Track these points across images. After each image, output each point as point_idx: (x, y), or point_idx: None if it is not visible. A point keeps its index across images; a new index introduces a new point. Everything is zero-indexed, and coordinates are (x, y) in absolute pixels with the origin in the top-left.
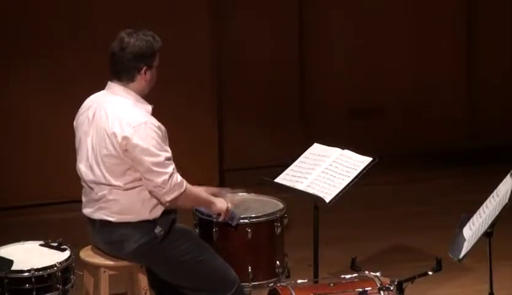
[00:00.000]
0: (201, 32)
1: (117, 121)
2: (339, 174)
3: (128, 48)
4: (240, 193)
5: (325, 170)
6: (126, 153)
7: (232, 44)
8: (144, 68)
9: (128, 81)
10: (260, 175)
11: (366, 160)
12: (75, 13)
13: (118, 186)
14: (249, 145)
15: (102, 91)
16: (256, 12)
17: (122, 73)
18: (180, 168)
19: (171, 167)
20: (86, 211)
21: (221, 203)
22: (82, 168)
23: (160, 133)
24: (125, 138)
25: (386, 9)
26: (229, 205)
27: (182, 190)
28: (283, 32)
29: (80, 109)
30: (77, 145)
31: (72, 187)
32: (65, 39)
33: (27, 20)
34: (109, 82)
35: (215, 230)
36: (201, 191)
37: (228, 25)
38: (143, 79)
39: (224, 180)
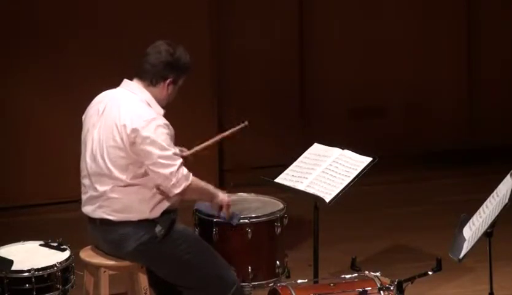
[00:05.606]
0: (201, 32)
1: (129, 114)
2: (339, 174)
3: (164, 52)
4: (240, 193)
5: (325, 170)
6: (132, 147)
7: (233, 44)
8: (170, 79)
9: (149, 84)
10: (260, 175)
11: (366, 160)
12: (76, 13)
13: (120, 179)
14: (249, 146)
15: (116, 88)
16: (257, 12)
17: (148, 74)
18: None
19: (179, 161)
20: (86, 209)
21: (223, 195)
22: (87, 159)
23: (169, 132)
24: (135, 130)
25: (386, 9)
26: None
27: (189, 182)
28: (283, 32)
29: (90, 104)
30: (83, 137)
31: (72, 187)
32: (66, 39)
33: (28, 20)
34: (126, 80)
35: (215, 230)
36: (206, 183)
37: (228, 25)
38: (164, 89)
39: (224, 180)
